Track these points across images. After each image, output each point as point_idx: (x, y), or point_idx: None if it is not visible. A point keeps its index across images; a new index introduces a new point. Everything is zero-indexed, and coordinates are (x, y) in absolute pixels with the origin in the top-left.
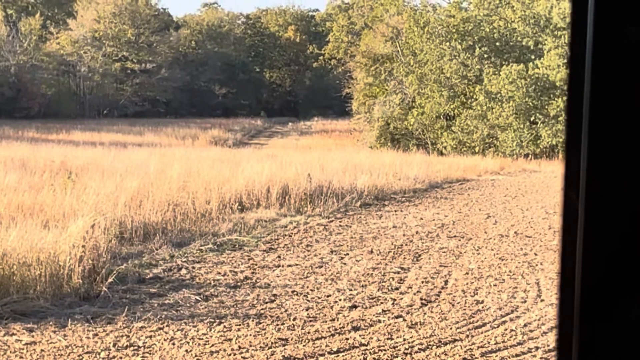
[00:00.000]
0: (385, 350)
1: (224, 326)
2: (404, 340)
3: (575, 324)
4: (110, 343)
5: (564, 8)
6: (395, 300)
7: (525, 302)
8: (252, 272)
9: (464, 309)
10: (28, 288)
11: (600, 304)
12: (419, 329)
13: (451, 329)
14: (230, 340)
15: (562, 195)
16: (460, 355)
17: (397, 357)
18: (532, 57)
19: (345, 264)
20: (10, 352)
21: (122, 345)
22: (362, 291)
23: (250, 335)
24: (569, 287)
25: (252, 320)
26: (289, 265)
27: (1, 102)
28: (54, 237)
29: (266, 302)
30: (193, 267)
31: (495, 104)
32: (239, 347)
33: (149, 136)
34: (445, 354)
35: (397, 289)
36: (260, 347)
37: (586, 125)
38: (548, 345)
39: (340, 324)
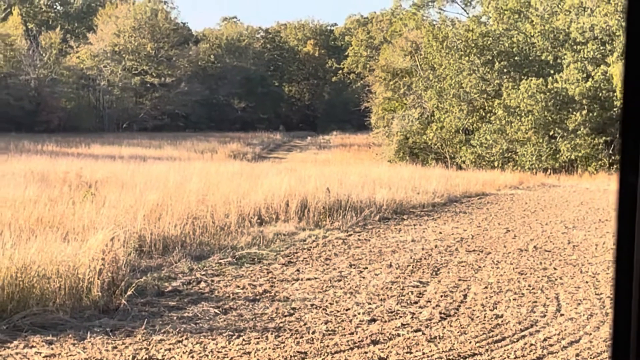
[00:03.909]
0: None
1: (243, 339)
2: (423, 354)
3: (634, 305)
4: (129, 356)
5: (583, 23)
6: (414, 314)
7: (544, 316)
8: (271, 286)
9: (483, 323)
10: (47, 300)
11: None
12: (438, 343)
13: (470, 343)
14: (249, 353)
15: (618, 176)
16: None
17: None
18: (551, 71)
19: (364, 277)
20: None
21: (141, 358)
22: (381, 305)
23: (269, 348)
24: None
25: (271, 334)
26: (308, 279)
27: (21, 115)
28: (74, 249)
29: (285, 316)
30: (212, 281)
31: (514, 118)
32: None
33: (168, 150)
34: None
35: (416, 302)
36: None
37: None
38: None
39: (359, 338)
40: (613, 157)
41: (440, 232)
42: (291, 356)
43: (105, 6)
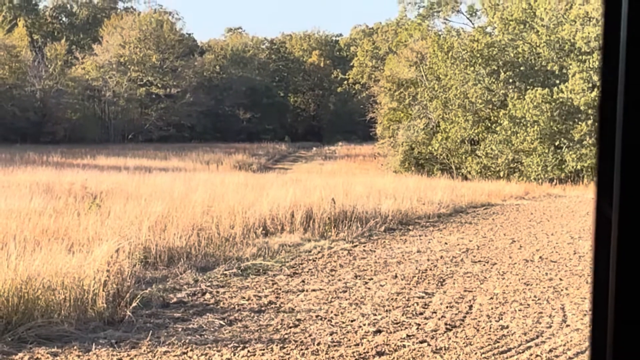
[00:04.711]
0: None
1: (248, 351)
2: None
3: (608, 342)
4: None
5: (588, 33)
6: (419, 325)
7: (550, 327)
8: (276, 297)
9: (489, 334)
10: (52, 312)
11: (636, 318)
12: (444, 354)
13: (476, 354)
14: None
15: (594, 207)
16: None
17: None
18: (557, 81)
19: (369, 288)
20: None
21: None
22: (387, 316)
23: None
24: (603, 306)
25: (276, 345)
26: (313, 290)
27: (27, 126)
28: (79, 261)
29: (290, 327)
30: (217, 292)
31: (520, 129)
32: None
33: (174, 161)
34: None
35: (421, 313)
36: None
37: (619, 135)
38: None
39: (364, 349)
40: None
41: (446, 243)
42: None
43: (111, 17)
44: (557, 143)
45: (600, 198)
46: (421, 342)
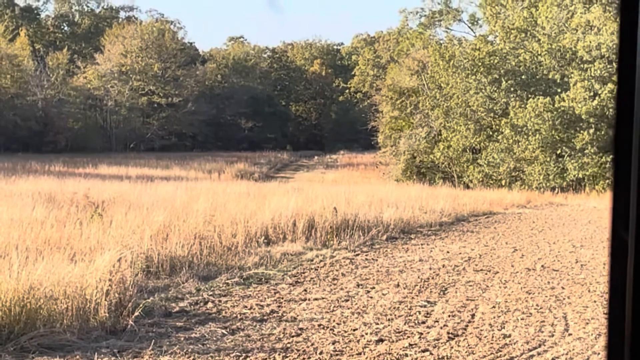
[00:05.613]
0: None
1: None
2: None
3: None
4: None
5: (590, 41)
6: (422, 334)
7: (552, 336)
8: (279, 306)
9: (491, 343)
10: (55, 322)
11: None
12: None
13: None
14: None
15: (610, 230)
16: None
17: None
18: (559, 90)
19: (371, 297)
20: None
21: None
22: (389, 325)
23: None
24: (619, 324)
25: (279, 354)
26: (315, 299)
27: (29, 136)
28: (81, 270)
29: (292, 336)
30: (219, 301)
31: (522, 137)
32: None
33: (176, 170)
34: None
35: (423, 322)
36: None
37: (636, 159)
38: None
39: (367, 358)
40: None
41: (448, 252)
42: None
43: (113, 26)
44: (558, 152)
45: (616, 221)
46: (423, 351)
